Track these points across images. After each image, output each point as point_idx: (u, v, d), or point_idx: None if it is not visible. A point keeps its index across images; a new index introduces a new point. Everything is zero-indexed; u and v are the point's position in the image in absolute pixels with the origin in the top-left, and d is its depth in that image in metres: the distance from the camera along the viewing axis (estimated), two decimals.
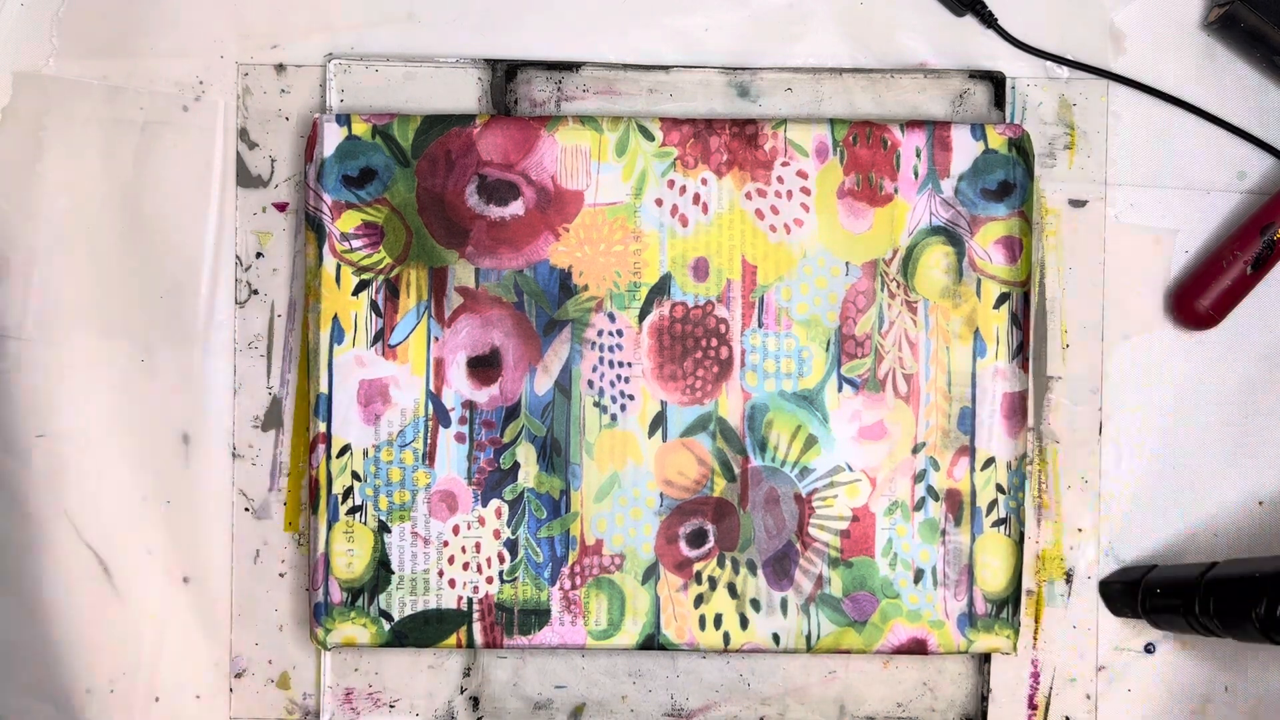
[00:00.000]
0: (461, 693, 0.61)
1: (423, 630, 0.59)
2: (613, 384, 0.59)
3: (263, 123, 0.62)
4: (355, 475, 0.59)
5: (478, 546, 0.59)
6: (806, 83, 0.62)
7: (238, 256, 0.62)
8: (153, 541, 0.62)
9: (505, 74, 0.61)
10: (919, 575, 0.59)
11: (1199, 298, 0.60)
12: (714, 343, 0.59)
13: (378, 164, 0.59)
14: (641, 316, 0.59)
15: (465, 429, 0.59)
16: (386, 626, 0.58)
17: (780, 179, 0.59)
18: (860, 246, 0.59)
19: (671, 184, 0.59)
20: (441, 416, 0.59)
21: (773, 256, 0.59)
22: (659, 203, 0.59)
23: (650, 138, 0.59)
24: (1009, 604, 0.59)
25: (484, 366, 0.59)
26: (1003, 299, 0.59)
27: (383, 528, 0.58)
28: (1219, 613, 0.54)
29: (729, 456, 0.59)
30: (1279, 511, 0.62)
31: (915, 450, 0.59)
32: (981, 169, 0.59)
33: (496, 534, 0.59)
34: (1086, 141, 0.62)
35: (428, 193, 0.59)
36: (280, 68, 0.62)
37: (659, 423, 0.59)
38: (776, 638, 0.59)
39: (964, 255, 0.59)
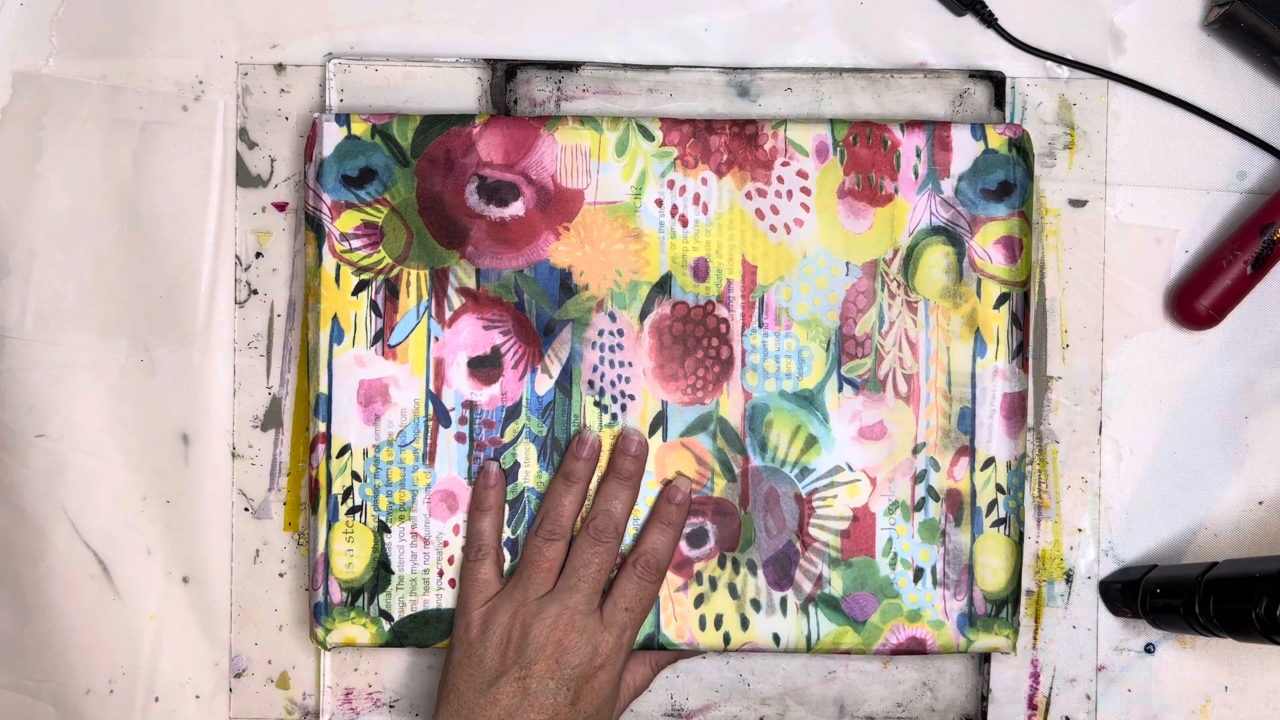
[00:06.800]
0: None
1: (422, 630, 0.58)
2: (613, 384, 0.59)
3: (262, 122, 0.62)
4: (355, 475, 0.58)
5: None
6: (806, 83, 0.62)
7: (237, 256, 0.62)
8: (152, 541, 0.62)
9: (505, 74, 0.61)
10: (919, 575, 0.59)
11: (1199, 298, 0.60)
12: (714, 343, 0.59)
13: (377, 164, 0.58)
14: (642, 316, 0.59)
15: (465, 429, 0.59)
16: (386, 626, 0.58)
17: (780, 179, 0.59)
18: (860, 246, 0.59)
19: (671, 184, 0.59)
20: (442, 416, 0.59)
21: (773, 256, 0.59)
22: (659, 203, 0.59)
23: (650, 137, 0.59)
24: (1009, 604, 0.59)
25: (484, 366, 0.59)
26: (1003, 299, 0.59)
27: (382, 528, 0.58)
28: (1219, 613, 0.54)
29: (729, 456, 0.59)
30: (1279, 511, 0.62)
31: (915, 450, 0.59)
32: (981, 169, 0.59)
33: None
34: (1086, 141, 0.62)
35: (428, 192, 0.59)
36: (280, 67, 0.62)
37: (659, 422, 0.59)
38: (776, 638, 0.59)
39: (964, 255, 0.59)
